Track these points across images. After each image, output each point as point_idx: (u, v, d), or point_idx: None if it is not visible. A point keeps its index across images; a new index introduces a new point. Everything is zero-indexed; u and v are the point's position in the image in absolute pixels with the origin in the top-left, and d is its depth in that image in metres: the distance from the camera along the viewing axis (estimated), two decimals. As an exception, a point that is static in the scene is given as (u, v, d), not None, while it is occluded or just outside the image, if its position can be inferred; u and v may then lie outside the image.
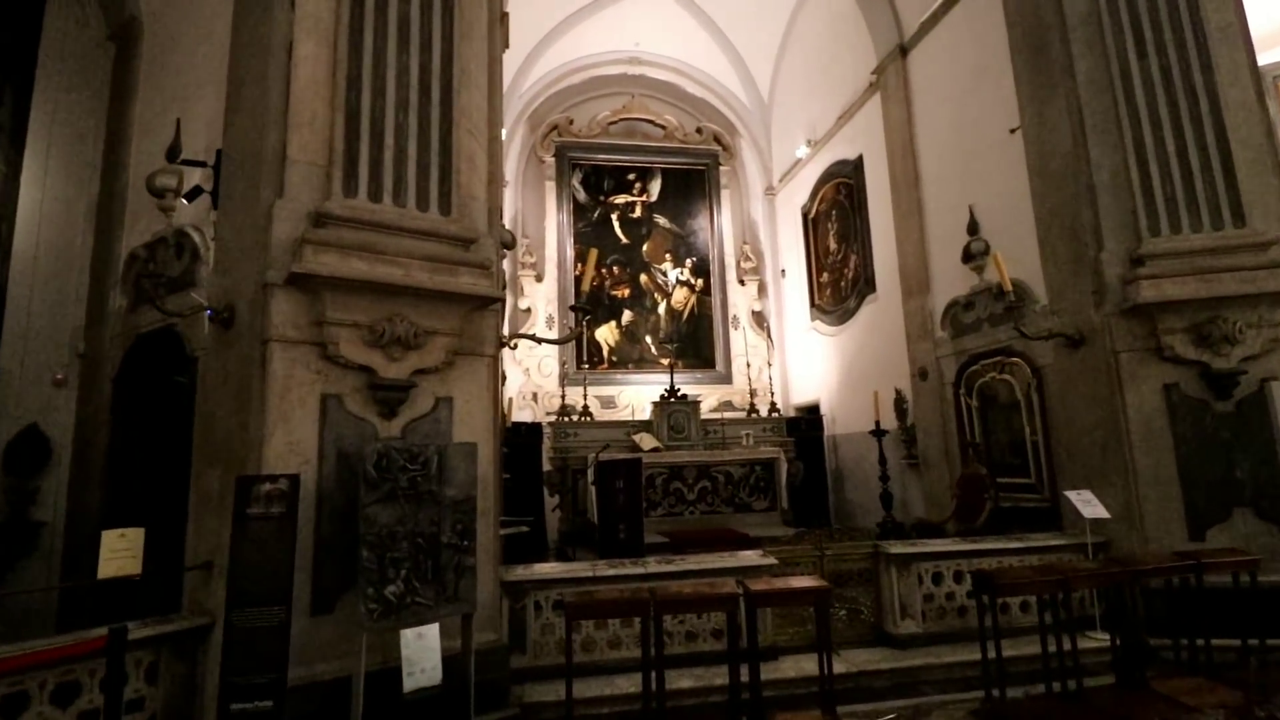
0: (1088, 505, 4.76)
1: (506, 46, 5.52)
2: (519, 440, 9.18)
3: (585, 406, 9.57)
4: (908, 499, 8.24)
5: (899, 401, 8.11)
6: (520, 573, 4.31)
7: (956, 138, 7.08)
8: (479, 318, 4.08)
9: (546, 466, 9.37)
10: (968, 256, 6.76)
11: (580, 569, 4.45)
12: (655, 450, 8.74)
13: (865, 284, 9.14)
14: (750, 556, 4.81)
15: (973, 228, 6.76)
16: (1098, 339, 5.10)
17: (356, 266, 3.51)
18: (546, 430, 9.54)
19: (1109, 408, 4.93)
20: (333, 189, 3.56)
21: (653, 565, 4.51)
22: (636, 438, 8.89)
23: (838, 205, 9.99)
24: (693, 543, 7.61)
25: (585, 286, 4.96)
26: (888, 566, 4.82)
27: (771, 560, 4.70)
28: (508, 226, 11.76)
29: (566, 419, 9.36)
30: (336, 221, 3.57)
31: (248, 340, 3.50)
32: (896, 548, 4.83)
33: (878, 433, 8.35)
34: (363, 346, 3.61)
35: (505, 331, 4.72)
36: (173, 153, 4.45)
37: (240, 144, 3.93)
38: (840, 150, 9.76)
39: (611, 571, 4.36)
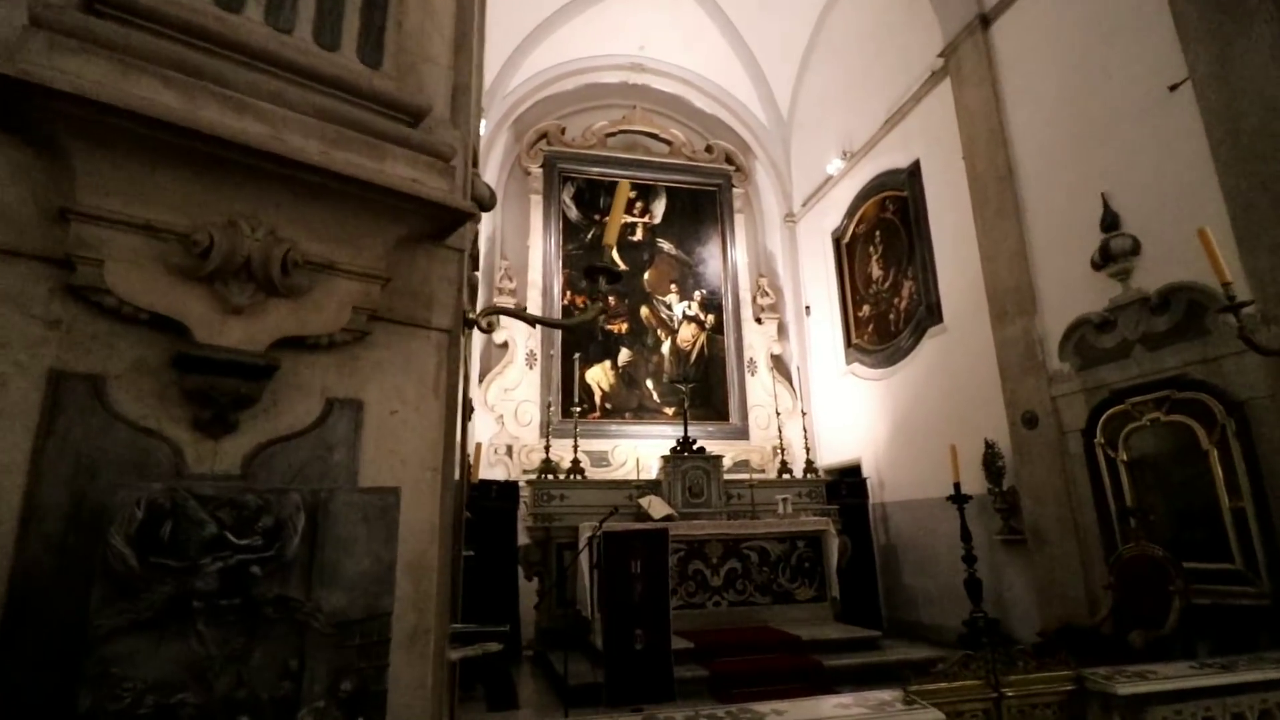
0: None
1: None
2: (488, 503, 7.05)
3: (575, 461, 7.51)
4: (1004, 587, 6.23)
5: (991, 458, 6.24)
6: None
7: (1072, 114, 5.52)
8: (425, 257, 2.12)
9: (523, 539, 7.21)
10: (1106, 258, 5.07)
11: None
12: (668, 519, 6.67)
13: (927, 314, 7.42)
14: (881, 699, 2.77)
15: (1110, 221, 5.10)
16: (1401, 348, 3.33)
17: (154, 94, 1.54)
18: (524, 491, 7.42)
19: None
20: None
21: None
22: (644, 502, 6.82)
23: (883, 224, 8.40)
24: (726, 648, 5.47)
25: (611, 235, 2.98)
26: (1105, 714, 2.85)
27: (929, 709, 2.67)
28: (483, 246, 9.97)
29: (550, 477, 7.28)
30: (122, 10, 1.62)
31: None
32: (1123, 685, 2.84)
33: (959, 499, 6.42)
34: (164, 276, 1.59)
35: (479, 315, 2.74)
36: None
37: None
38: (888, 159, 8.25)
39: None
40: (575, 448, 7.61)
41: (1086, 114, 5.37)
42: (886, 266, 8.31)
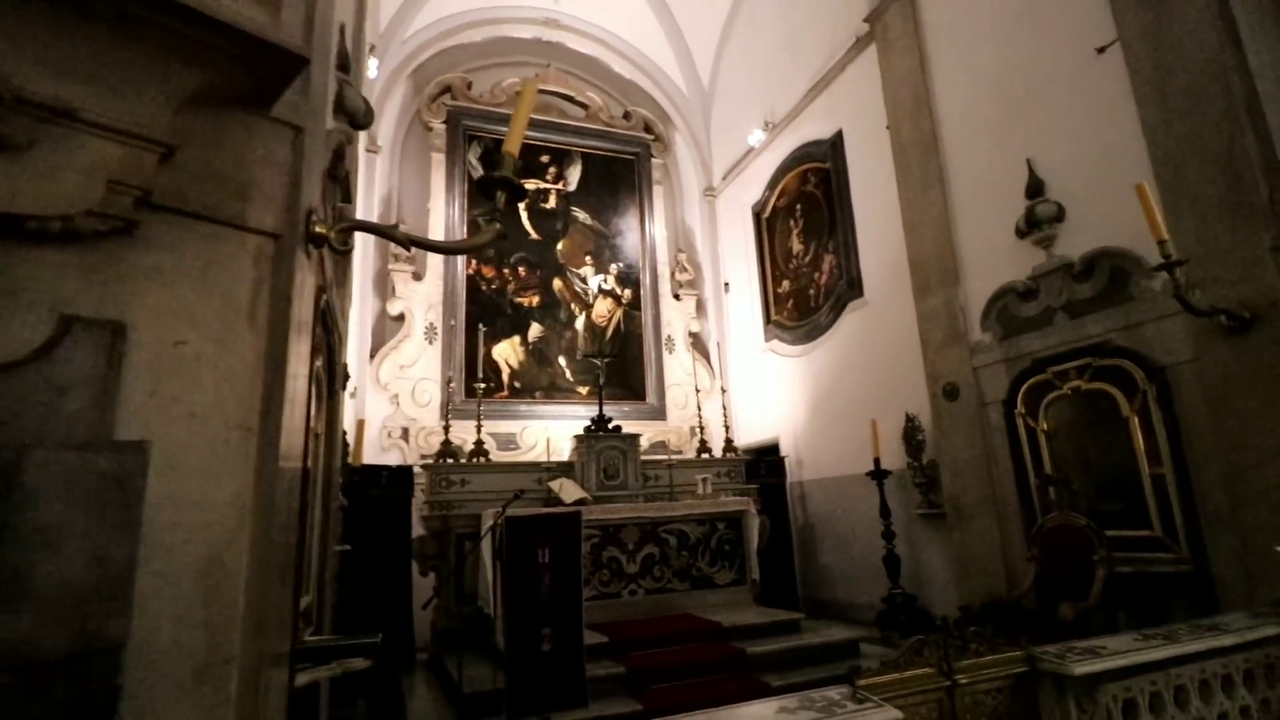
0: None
1: None
2: (378, 491, 6.28)
3: (479, 443, 6.83)
4: (923, 563, 6.16)
5: (911, 431, 6.12)
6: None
7: (998, 79, 5.40)
8: (241, 130, 1.45)
9: (419, 531, 6.48)
10: (1031, 225, 4.97)
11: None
12: (581, 503, 6.15)
13: (848, 288, 7.25)
14: (829, 699, 2.40)
15: (1035, 188, 5.00)
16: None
17: None
18: (420, 477, 6.67)
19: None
20: None
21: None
22: (554, 485, 6.26)
23: (804, 197, 8.18)
24: (643, 641, 5.04)
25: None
26: (1059, 695, 2.63)
27: (883, 707, 2.32)
28: (378, 207, 9.00)
29: (450, 461, 6.57)
30: None
31: None
32: (1077, 664, 2.61)
33: (878, 474, 6.30)
34: None
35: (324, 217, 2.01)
36: None
37: None
38: (810, 130, 8.02)
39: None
40: (479, 428, 6.93)
41: (1013, 79, 5.26)
42: (807, 241, 8.11)
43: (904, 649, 2.61)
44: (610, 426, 6.96)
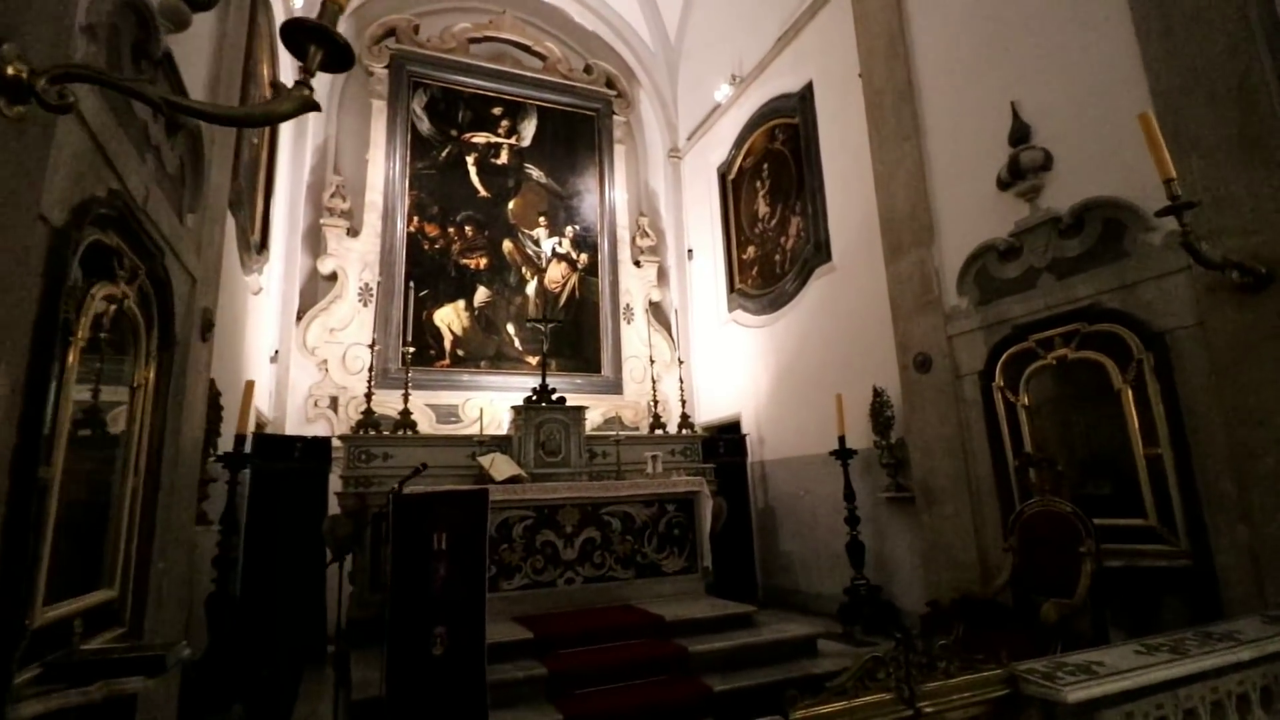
0: None
1: None
2: (291, 464, 5.62)
3: (405, 413, 6.15)
4: (890, 553, 5.66)
5: (879, 407, 5.59)
6: None
7: (981, 16, 4.81)
8: None
9: (335, 509, 5.81)
10: (1015, 175, 4.40)
11: None
12: (515, 480, 5.53)
13: (816, 252, 6.67)
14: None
15: (1020, 134, 4.43)
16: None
17: None
18: (339, 451, 5.98)
19: None
20: None
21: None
22: (484, 461, 5.62)
23: (772, 156, 7.56)
24: (573, 637, 4.46)
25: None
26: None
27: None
28: (311, 155, 8.20)
29: (370, 433, 5.89)
30: None
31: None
32: (1070, 688, 2.06)
33: (843, 453, 5.77)
34: None
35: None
36: None
37: None
38: (778, 83, 7.38)
39: None
40: (406, 396, 6.24)
41: (997, 14, 4.67)
42: (774, 203, 7.51)
43: (854, 669, 2.02)
44: (554, 398, 6.33)
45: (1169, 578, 3.51)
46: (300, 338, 7.45)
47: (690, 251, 9.19)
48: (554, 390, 6.39)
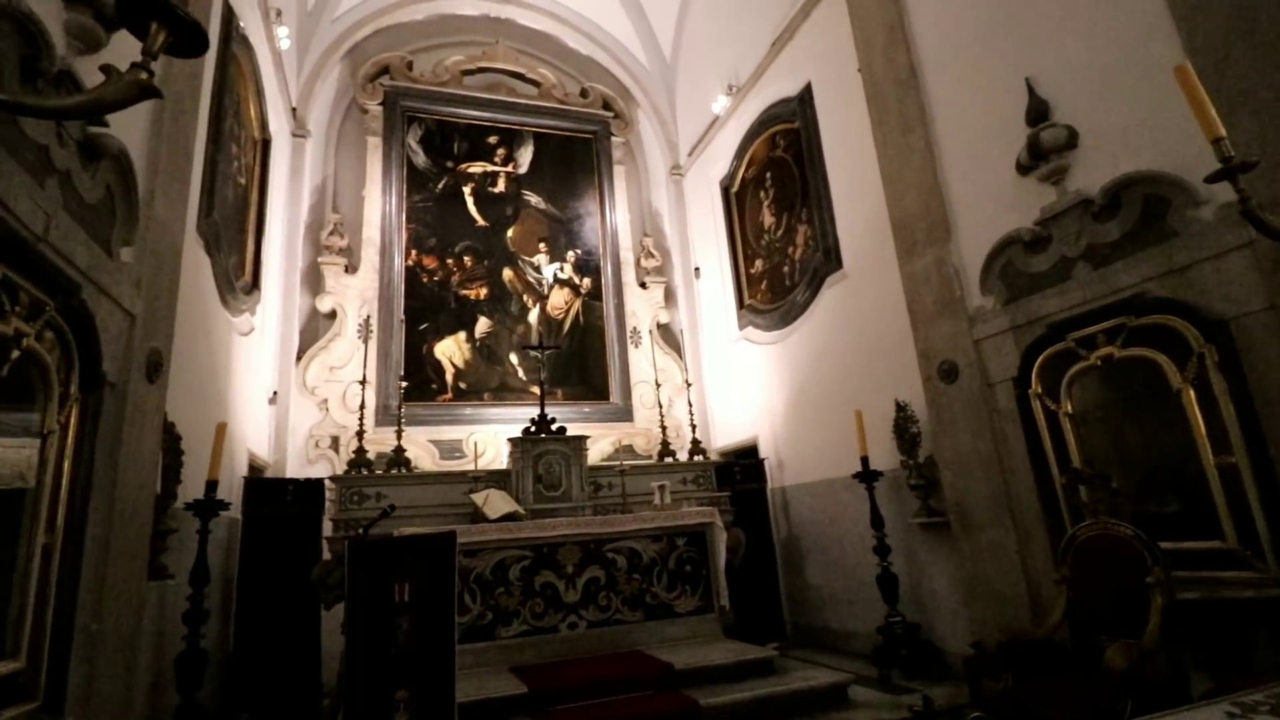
0: None
1: None
2: (283, 509, 5.33)
3: (399, 450, 5.83)
4: (926, 585, 5.11)
5: (903, 423, 5.11)
6: None
7: (989, -11, 4.44)
8: None
9: (328, 554, 5.49)
10: (1036, 157, 3.97)
11: None
12: (511, 518, 5.15)
13: (825, 259, 6.26)
14: None
15: (1039, 111, 4.00)
16: None
17: None
18: (331, 491, 5.69)
19: None
20: None
21: None
22: (477, 499, 5.26)
23: (774, 164, 7.22)
24: (572, 691, 4.01)
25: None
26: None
27: None
28: (310, 196, 8.10)
29: (363, 472, 5.58)
30: None
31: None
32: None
33: (866, 475, 5.27)
34: None
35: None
36: None
37: None
38: (776, 88, 7.08)
39: None
40: (399, 433, 5.94)
41: (1007, -14, 4.29)
42: (779, 213, 7.14)
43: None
44: (555, 428, 5.97)
45: (1259, 609, 2.95)
46: (300, 377, 7.25)
47: (697, 270, 8.84)
48: (554, 420, 6.03)
